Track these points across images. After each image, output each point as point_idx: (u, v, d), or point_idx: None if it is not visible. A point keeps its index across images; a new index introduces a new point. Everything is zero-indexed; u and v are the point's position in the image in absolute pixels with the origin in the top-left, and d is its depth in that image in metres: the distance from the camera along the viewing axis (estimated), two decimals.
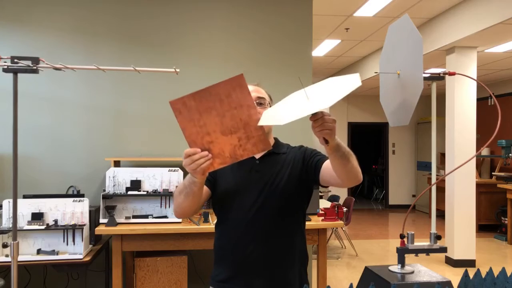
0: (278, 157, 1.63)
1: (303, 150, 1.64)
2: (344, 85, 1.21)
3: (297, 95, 1.32)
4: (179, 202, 1.49)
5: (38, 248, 2.88)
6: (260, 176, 1.58)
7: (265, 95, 1.65)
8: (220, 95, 1.26)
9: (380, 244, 6.61)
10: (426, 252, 1.61)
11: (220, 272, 1.60)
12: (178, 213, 1.54)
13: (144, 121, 3.67)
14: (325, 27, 5.72)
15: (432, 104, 1.75)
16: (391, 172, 10.29)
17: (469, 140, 5.33)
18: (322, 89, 1.26)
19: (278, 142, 1.71)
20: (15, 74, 1.73)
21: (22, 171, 3.47)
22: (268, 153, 1.61)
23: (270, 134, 1.63)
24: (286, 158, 1.63)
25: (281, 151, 1.65)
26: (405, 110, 1.68)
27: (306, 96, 1.25)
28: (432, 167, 1.83)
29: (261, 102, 1.60)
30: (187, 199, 1.45)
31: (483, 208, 7.40)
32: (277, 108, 1.33)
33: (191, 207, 1.49)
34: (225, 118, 1.27)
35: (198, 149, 1.29)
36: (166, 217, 3.16)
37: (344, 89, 1.16)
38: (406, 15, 1.70)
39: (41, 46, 3.57)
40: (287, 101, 1.34)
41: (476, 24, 4.54)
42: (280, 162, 1.61)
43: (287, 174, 1.57)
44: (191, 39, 3.75)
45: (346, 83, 1.21)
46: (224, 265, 1.59)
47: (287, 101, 1.34)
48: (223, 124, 1.27)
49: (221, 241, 1.63)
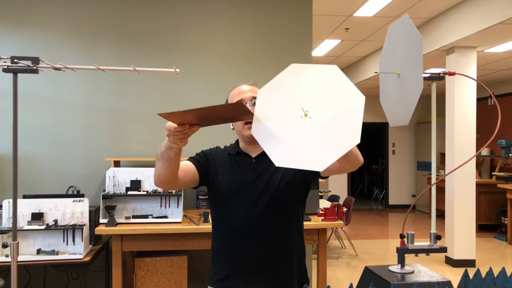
0: None
1: None
2: (348, 111, 1.19)
3: (291, 107, 1.23)
4: (156, 168, 1.45)
5: (38, 248, 2.88)
6: (257, 175, 1.58)
7: None
8: (219, 112, 1.23)
9: (380, 244, 6.61)
10: (426, 252, 1.61)
11: (218, 271, 1.60)
12: (155, 180, 1.49)
13: (144, 121, 3.67)
14: (325, 27, 5.72)
15: (432, 104, 1.75)
16: (391, 172, 10.29)
17: (469, 140, 5.33)
18: (322, 109, 1.20)
19: None
20: (15, 74, 1.73)
21: (22, 171, 3.47)
22: (264, 153, 1.61)
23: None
24: None
25: None
26: (405, 110, 1.67)
27: (304, 122, 1.19)
28: (432, 167, 1.83)
29: (255, 102, 1.60)
30: (164, 165, 1.41)
31: (483, 208, 7.40)
32: (272, 126, 1.24)
33: (167, 174, 1.44)
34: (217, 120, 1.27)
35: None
36: (166, 217, 3.16)
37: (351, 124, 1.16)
38: (406, 15, 1.70)
39: (41, 46, 3.57)
40: (279, 116, 1.24)
41: (476, 24, 4.54)
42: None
43: (283, 171, 1.57)
44: (191, 39, 3.75)
45: (349, 105, 1.19)
46: (222, 264, 1.59)
47: (279, 116, 1.24)
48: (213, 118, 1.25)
49: (218, 240, 1.63)
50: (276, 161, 1.21)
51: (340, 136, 1.16)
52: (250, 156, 1.63)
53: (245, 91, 1.63)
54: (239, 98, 1.61)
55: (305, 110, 1.21)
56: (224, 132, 3.65)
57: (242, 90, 1.64)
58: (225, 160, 1.65)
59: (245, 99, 1.60)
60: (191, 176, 1.59)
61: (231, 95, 1.66)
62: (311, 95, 1.22)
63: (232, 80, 3.67)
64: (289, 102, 1.23)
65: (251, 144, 1.61)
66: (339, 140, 1.15)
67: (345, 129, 1.17)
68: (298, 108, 1.22)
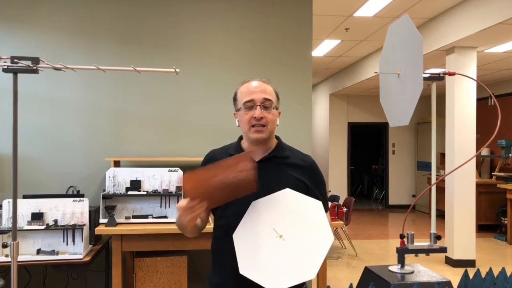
0: (278, 161, 1.57)
1: (312, 169, 1.60)
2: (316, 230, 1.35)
3: (267, 232, 1.37)
4: (185, 233, 1.59)
5: (38, 248, 2.88)
6: (258, 180, 1.51)
7: (272, 96, 1.55)
8: (228, 164, 1.34)
9: (380, 244, 6.61)
10: (426, 252, 1.61)
11: (217, 276, 1.58)
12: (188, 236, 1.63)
13: (144, 121, 3.67)
14: (325, 27, 5.72)
15: (432, 104, 1.75)
16: (391, 172, 10.29)
17: (469, 140, 5.33)
18: (295, 236, 1.34)
19: (280, 144, 1.63)
20: (15, 74, 1.73)
21: (22, 171, 3.47)
22: (268, 157, 1.57)
23: (272, 136, 1.58)
24: (288, 162, 1.58)
25: (282, 154, 1.59)
26: (405, 110, 1.68)
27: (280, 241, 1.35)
28: (432, 167, 1.83)
29: (266, 105, 1.51)
30: (185, 232, 1.57)
31: (483, 208, 7.40)
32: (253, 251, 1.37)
33: (192, 235, 1.61)
34: (227, 180, 1.34)
35: (191, 202, 1.36)
36: (166, 217, 3.16)
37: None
38: (406, 15, 1.70)
39: (41, 46, 3.57)
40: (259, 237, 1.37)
41: (476, 24, 4.54)
42: (280, 165, 1.56)
43: (286, 179, 1.53)
44: (191, 39, 3.75)
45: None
46: (221, 269, 1.56)
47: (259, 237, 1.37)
48: (223, 182, 1.34)
49: (218, 245, 1.61)
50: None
51: (316, 243, 1.32)
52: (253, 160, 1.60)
53: (255, 91, 1.52)
54: (249, 98, 1.52)
55: (279, 234, 1.36)
56: (223, 132, 3.65)
57: (252, 89, 1.53)
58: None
59: (255, 101, 1.51)
60: (208, 213, 1.68)
61: (240, 91, 1.57)
62: (279, 220, 1.37)
63: (232, 80, 3.68)
64: (263, 232, 1.38)
65: (256, 145, 1.56)
66: (316, 247, 1.32)
67: (318, 235, 1.34)
68: (272, 233, 1.37)
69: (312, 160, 1.64)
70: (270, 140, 1.58)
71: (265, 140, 1.54)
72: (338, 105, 10.02)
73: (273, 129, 1.55)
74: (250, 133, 1.53)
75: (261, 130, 1.51)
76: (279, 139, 1.66)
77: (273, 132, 1.58)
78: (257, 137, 1.52)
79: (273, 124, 1.54)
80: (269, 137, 1.55)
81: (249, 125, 1.52)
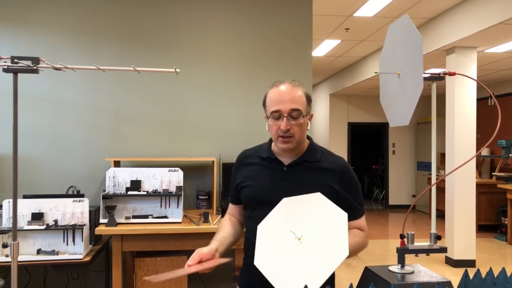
0: (308, 165, 1.56)
1: (344, 173, 1.57)
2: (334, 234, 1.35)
3: (285, 234, 1.38)
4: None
5: (38, 248, 2.88)
6: (287, 185, 1.53)
7: (301, 103, 1.51)
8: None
9: (380, 244, 6.61)
10: (426, 252, 1.60)
11: (246, 276, 1.63)
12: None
13: (144, 121, 3.67)
14: (325, 27, 5.72)
15: (432, 104, 1.75)
16: (391, 172, 10.29)
17: (469, 140, 5.33)
18: (312, 232, 1.36)
19: (311, 147, 1.62)
20: (15, 74, 1.73)
21: (22, 171, 3.47)
22: (298, 161, 1.56)
23: (302, 140, 1.57)
24: (318, 166, 1.57)
25: (313, 159, 1.58)
26: (405, 110, 1.67)
27: (298, 246, 1.36)
28: (432, 167, 1.83)
29: (293, 115, 1.49)
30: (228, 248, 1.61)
31: (483, 208, 7.40)
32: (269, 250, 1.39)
33: (234, 242, 1.66)
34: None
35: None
36: (166, 217, 3.16)
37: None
38: (406, 15, 1.70)
39: (41, 46, 3.57)
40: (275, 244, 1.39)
41: (476, 24, 4.54)
42: (309, 170, 1.56)
43: (315, 184, 1.51)
44: (191, 39, 3.75)
45: (334, 223, 1.36)
46: (249, 269, 1.54)
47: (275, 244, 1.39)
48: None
49: (247, 245, 1.62)
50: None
51: (330, 253, 1.33)
52: (282, 163, 1.58)
53: (282, 100, 1.48)
54: (276, 108, 1.49)
55: (298, 236, 1.37)
56: (224, 132, 3.65)
57: (280, 97, 1.49)
58: (254, 165, 1.63)
59: (282, 112, 1.48)
60: (243, 211, 1.69)
61: (269, 98, 1.54)
62: (301, 222, 1.40)
63: (232, 80, 3.68)
64: (284, 230, 1.40)
65: (285, 151, 1.57)
66: (330, 257, 1.31)
67: (334, 246, 1.34)
68: (291, 235, 1.38)
69: (344, 163, 1.61)
70: (301, 144, 1.57)
71: (292, 149, 1.55)
72: (338, 105, 10.02)
73: (301, 138, 1.54)
74: (278, 142, 1.54)
75: (288, 141, 1.51)
76: (311, 141, 1.64)
77: (302, 139, 1.57)
78: (284, 148, 1.53)
79: (301, 133, 1.53)
80: (297, 146, 1.56)
81: (277, 135, 1.52)
